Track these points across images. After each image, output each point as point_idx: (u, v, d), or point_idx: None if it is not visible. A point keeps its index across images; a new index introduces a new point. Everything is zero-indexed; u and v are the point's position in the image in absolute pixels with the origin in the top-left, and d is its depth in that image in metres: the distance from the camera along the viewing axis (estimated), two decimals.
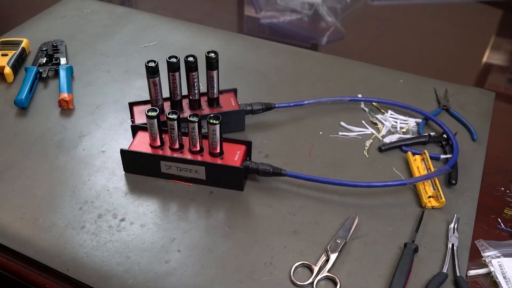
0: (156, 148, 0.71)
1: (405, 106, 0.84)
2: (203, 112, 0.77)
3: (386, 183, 0.69)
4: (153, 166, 0.70)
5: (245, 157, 0.70)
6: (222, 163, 0.68)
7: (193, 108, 0.77)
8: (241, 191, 0.70)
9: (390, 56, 1.06)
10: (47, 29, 1.06)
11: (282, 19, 1.22)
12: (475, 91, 0.91)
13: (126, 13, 1.13)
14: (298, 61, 0.97)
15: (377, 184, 0.69)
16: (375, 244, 0.63)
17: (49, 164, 0.74)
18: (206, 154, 0.70)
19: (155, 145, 0.71)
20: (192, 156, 0.70)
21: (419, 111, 0.82)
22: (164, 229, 0.65)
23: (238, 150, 0.70)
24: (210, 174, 0.69)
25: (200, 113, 0.77)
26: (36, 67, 0.91)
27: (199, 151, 0.70)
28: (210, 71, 0.74)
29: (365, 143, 0.78)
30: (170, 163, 0.69)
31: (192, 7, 1.26)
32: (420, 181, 0.69)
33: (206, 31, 1.07)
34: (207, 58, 0.73)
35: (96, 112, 0.84)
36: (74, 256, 0.61)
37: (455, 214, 0.66)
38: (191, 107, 0.78)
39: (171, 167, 0.70)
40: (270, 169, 0.69)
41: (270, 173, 0.69)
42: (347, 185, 0.69)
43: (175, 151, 0.70)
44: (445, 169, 0.70)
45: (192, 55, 0.73)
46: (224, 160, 0.69)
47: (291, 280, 0.59)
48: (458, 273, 0.59)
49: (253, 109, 0.79)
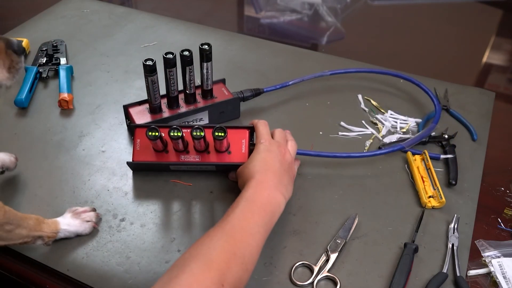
0: (161, 152, 0.69)
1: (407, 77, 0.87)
2: (198, 105, 0.78)
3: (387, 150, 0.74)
4: (161, 168, 0.71)
5: (249, 144, 0.70)
6: (231, 162, 0.68)
7: (188, 102, 0.78)
8: None
9: (390, 56, 1.06)
10: (47, 29, 1.06)
11: (282, 19, 1.22)
12: (475, 91, 0.91)
13: (126, 13, 1.13)
14: (298, 61, 0.97)
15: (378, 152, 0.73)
16: (375, 244, 0.63)
17: (49, 164, 0.74)
18: (213, 151, 0.69)
19: (159, 149, 0.69)
20: (199, 155, 0.69)
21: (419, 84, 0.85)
22: (164, 229, 0.65)
23: (243, 138, 0.69)
24: (220, 169, 0.71)
25: (196, 106, 0.77)
26: (36, 67, 0.91)
27: (205, 149, 0.69)
28: (204, 63, 0.75)
29: (365, 143, 0.78)
30: (178, 166, 0.70)
31: (192, 7, 1.26)
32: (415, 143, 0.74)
33: (206, 31, 1.07)
34: (201, 50, 0.74)
35: (96, 112, 0.84)
36: (74, 256, 0.61)
37: (455, 214, 0.66)
38: (187, 101, 0.78)
39: (180, 166, 0.71)
40: None
41: None
42: (347, 156, 0.73)
43: (181, 153, 0.69)
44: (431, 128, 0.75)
45: (187, 49, 0.73)
46: (232, 155, 0.68)
47: (291, 280, 0.59)
48: (458, 273, 0.59)
49: (244, 96, 0.82)
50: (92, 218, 0.64)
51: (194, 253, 0.50)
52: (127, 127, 0.80)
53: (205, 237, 0.52)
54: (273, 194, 0.59)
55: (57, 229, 0.61)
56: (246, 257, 0.52)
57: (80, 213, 0.64)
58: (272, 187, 0.60)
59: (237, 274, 0.50)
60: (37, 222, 0.60)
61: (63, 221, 0.62)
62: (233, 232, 0.53)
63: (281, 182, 0.61)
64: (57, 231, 0.61)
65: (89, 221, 0.64)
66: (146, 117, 0.76)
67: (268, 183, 0.60)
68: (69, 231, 0.62)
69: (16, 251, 0.62)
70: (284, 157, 0.64)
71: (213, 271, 0.48)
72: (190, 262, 0.49)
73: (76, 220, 0.63)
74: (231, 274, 0.49)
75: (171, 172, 0.72)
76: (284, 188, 0.61)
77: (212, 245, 0.51)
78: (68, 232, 0.62)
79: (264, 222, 0.56)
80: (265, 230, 0.56)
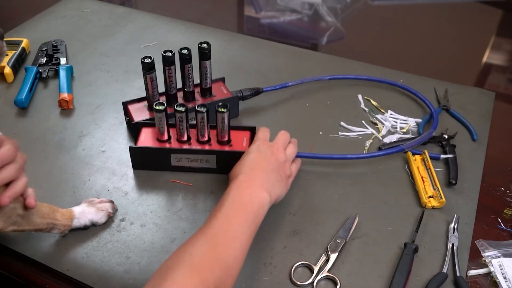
0: (164, 142, 0.71)
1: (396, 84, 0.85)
2: (197, 103, 0.78)
3: (386, 152, 0.75)
4: (163, 160, 0.71)
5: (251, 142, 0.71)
6: (232, 150, 0.70)
7: (187, 100, 0.78)
8: None
9: (390, 56, 1.06)
10: (47, 29, 1.06)
11: (282, 19, 1.22)
12: (475, 91, 0.91)
13: (126, 13, 1.13)
14: (298, 61, 0.97)
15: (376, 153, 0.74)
16: (375, 244, 0.63)
17: (49, 164, 0.74)
18: (215, 143, 0.71)
19: (163, 139, 0.71)
20: (201, 146, 0.70)
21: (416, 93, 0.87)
22: (164, 229, 0.65)
23: (244, 136, 0.72)
24: (221, 162, 0.70)
25: (195, 104, 0.78)
26: (36, 67, 0.91)
27: (207, 141, 0.71)
28: (203, 61, 0.75)
29: (365, 143, 0.78)
30: (180, 155, 0.70)
31: (192, 7, 1.26)
32: (414, 146, 0.75)
33: (206, 31, 1.07)
34: (200, 49, 0.74)
35: (96, 112, 0.84)
36: (74, 256, 0.61)
37: (455, 214, 0.66)
38: (186, 99, 0.78)
39: (182, 159, 0.70)
40: None
41: None
42: (348, 158, 0.74)
43: (183, 143, 0.71)
44: (430, 133, 0.77)
45: (186, 48, 0.74)
46: (234, 147, 0.70)
47: (291, 280, 0.59)
48: (458, 273, 0.59)
49: (244, 95, 0.82)
50: (108, 208, 0.65)
51: (176, 260, 0.49)
52: (126, 124, 0.80)
53: (187, 243, 0.52)
54: (255, 192, 0.58)
55: (71, 216, 0.62)
56: (229, 261, 0.51)
57: (96, 203, 0.65)
58: (255, 185, 0.59)
59: (220, 279, 0.49)
60: (50, 210, 0.60)
61: (77, 209, 0.63)
62: (215, 236, 0.52)
63: (268, 179, 0.61)
64: (71, 219, 0.62)
65: (104, 210, 0.64)
66: (145, 114, 0.76)
67: (251, 181, 0.59)
68: (84, 219, 0.62)
69: (16, 251, 0.62)
70: (274, 156, 0.64)
71: (196, 278, 0.47)
72: (173, 270, 0.48)
73: (92, 208, 0.64)
74: (214, 279, 0.48)
75: (171, 171, 0.72)
76: (270, 185, 0.60)
77: (194, 251, 0.50)
78: (83, 220, 0.62)
79: (247, 223, 0.55)
80: (250, 231, 0.55)
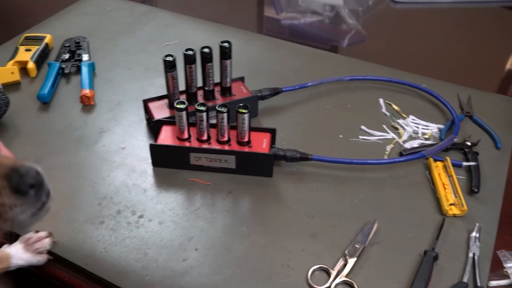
0: (184, 140, 0.71)
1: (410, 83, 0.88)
2: (217, 102, 0.78)
3: (407, 158, 0.73)
4: (182, 158, 0.71)
5: (271, 144, 0.72)
6: (252, 151, 0.70)
7: (207, 99, 0.79)
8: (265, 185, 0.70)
9: (412, 60, 1.04)
10: (69, 25, 1.07)
11: (302, 21, 1.21)
12: (499, 98, 0.89)
13: (147, 11, 1.13)
14: (317, 63, 0.96)
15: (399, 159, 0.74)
16: (394, 250, 0.62)
17: (69, 159, 0.75)
18: (234, 144, 0.71)
19: (183, 137, 0.71)
20: (220, 146, 0.70)
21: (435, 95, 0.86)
22: (182, 227, 0.65)
23: (264, 138, 0.72)
24: (240, 162, 0.70)
25: (214, 103, 0.78)
26: (59, 63, 0.92)
27: (227, 141, 0.71)
28: (224, 60, 0.75)
29: (385, 147, 0.77)
30: (200, 154, 0.70)
31: (211, 6, 1.27)
32: (435, 152, 0.73)
33: (226, 30, 1.07)
34: (221, 48, 0.74)
35: (117, 109, 0.85)
36: (93, 251, 0.62)
37: (476, 223, 0.65)
38: (206, 98, 0.79)
39: (201, 158, 0.70)
40: (298, 154, 0.71)
41: (298, 158, 0.71)
42: (369, 163, 0.73)
43: (203, 143, 0.71)
44: (451, 139, 0.75)
45: (207, 46, 0.74)
46: (253, 148, 0.70)
47: (308, 283, 0.58)
48: (479, 283, 0.58)
49: (263, 94, 0.82)
50: (46, 246, 0.62)
51: None
52: (146, 121, 0.81)
53: None
54: None
55: (8, 264, 0.60)
56: None
57: (33, 243, 0.62)
58: None
59: None
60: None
61: (15, 255, 0.61)
62: None
63: None
64: (8, 266, 0.60)
65: (42, 252, 0.62)
66: (165, 112, 0.76)
67: None
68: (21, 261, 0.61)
69: None
70: None
71: None
72: None
73: (27, 254, 0.61)
74: None
75: (190, 170, 0.72)
76: None
77: None
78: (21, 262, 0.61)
79: None
80: None
